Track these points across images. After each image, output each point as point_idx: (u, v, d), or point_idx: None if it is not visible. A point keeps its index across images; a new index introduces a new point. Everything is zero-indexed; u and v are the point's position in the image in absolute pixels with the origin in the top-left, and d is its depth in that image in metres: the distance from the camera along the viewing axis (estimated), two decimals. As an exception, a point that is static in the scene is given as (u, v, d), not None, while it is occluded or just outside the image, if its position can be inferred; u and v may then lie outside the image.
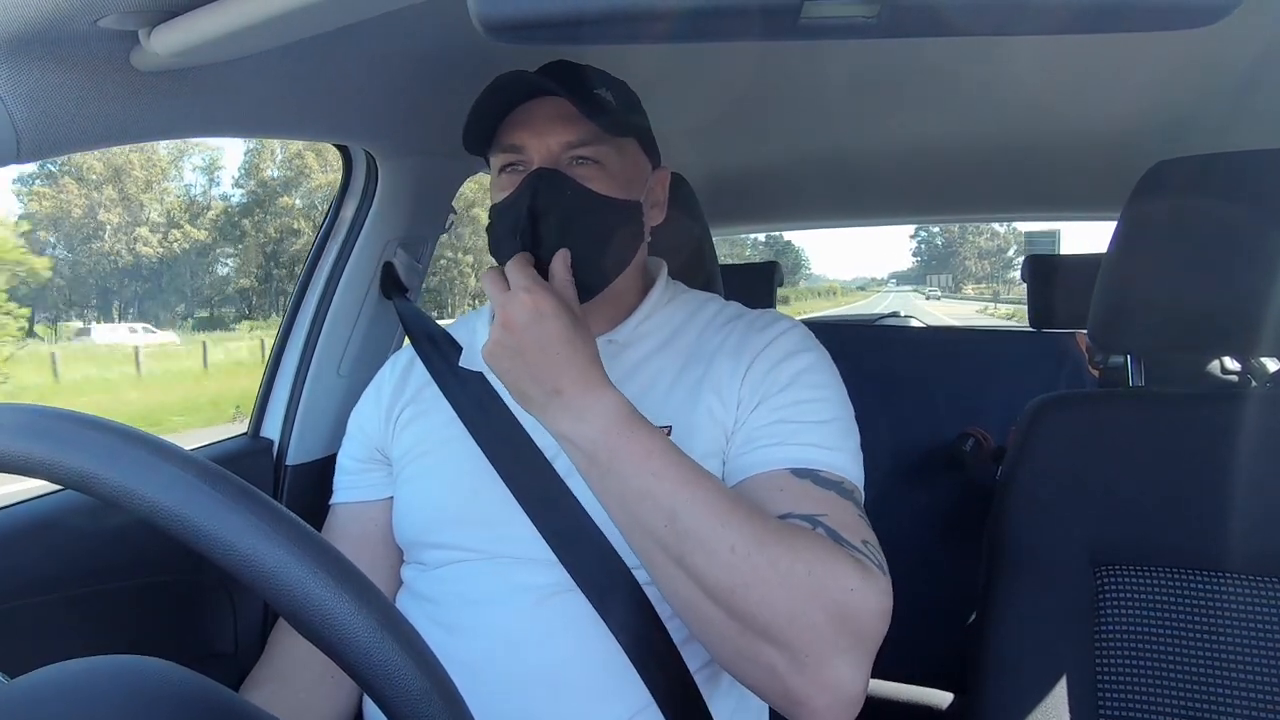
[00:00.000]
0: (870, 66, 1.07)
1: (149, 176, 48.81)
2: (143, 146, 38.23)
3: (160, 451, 0.35)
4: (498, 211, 0.75)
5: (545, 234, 0.71)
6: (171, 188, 52.32)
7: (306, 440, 1.05)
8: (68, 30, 0.55)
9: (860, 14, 0.39)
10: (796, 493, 0.65)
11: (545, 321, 0.65)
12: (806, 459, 0.67)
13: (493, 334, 0.67)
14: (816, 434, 0.69)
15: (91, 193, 47.29)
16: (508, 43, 0.41)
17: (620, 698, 0.68)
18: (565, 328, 0.65)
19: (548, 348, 0.64)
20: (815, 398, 0.72)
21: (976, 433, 1.54)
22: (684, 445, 0.70)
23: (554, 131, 0.73)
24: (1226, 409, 0.80)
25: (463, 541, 0.75)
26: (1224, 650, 0.74)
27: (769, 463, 0.68)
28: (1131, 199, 0.85)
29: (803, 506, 0.63)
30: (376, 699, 0.33)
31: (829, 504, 0.64)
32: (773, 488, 0.66)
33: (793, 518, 0.62)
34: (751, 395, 0.72)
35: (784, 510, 0.63)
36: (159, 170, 49.79)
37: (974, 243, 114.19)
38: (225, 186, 60.71)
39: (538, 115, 0.73)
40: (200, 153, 53.19)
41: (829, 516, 0.62)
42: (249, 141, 41.25)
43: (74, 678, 0.32)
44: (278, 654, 0.80)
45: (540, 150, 0.73)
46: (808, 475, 0.66)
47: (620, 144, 0.76)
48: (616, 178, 0.75)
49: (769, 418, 0.71)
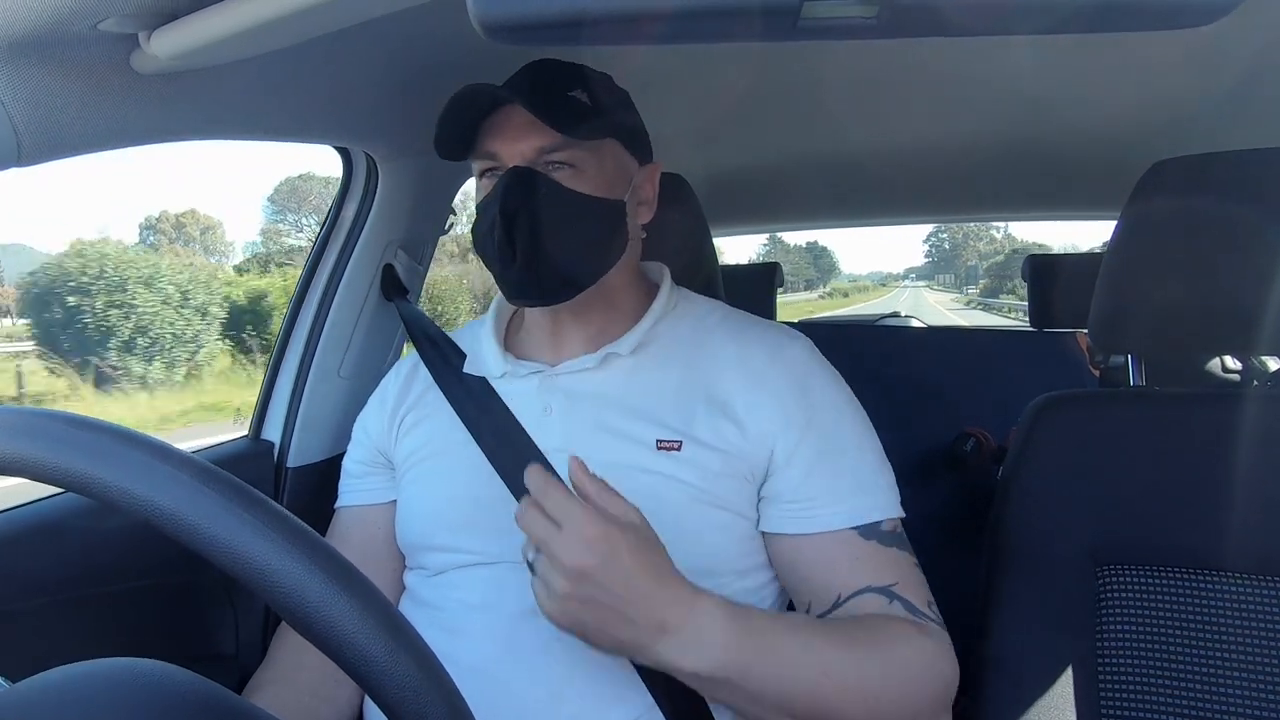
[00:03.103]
0: (870, 67, 1.07)
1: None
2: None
3: (160, 454, 0.35)
4: (478, 211, 0.76)
5: (519, 231, 0.72)
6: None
7: (307, 442, 1.05)
8: (68, 34, 0.55)
9: (859, 14, 0.39)
10: (867, 558, 0.70)
11: (619, 554, 0.56)
12: (865, 514, 0.72)
13: (552, 588, 0.57)
14: (866, 478, 0.74)
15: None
16: (507, 44, 0.41)
17: (622, 702, 0.68)
18: (639, 549, 0.58)
19: (632, 581, 0.57)
20: (848, 430, 0.76)
21: (977, 433, 1.54)
22: (697, 463, 0.72)
23: (525, 138, 0.73)
24: (1228, 408, 0.80)
25: (464, 545, 0.75)
26: (1226, 650, 0.73)
27: (833, 524, 0.71)
28: (1132, 198, 0.85)
29: (879, 576, 0.69)
30: (377, 700, 0.33)
31: (896, 567, 0.71)
32: (845, 555, 0.70)
33: (871, 592, 0.69)
34: (784, 435, 0.73)
35: (863, 584, 0.69)
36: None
37: (974, 247, 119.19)
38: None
39: (509, 122, 0.74)
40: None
41: (900, 585, 0.69)
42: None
43: (75, 682, 0.32)
44: (280, 656, 0.80)
45: (513, 157, 0.74)
46: (873, 535, 0.71)
47: (596, 145, 0.75)
48: (593, 178, 0.75)
49: (816, 469, 0.72)
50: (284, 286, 14.48)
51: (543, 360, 0.81)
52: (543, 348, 0.82)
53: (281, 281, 16.42)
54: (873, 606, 0.69)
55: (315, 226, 1.10)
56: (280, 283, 15.84)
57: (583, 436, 0.75)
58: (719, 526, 0.72)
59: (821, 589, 0.71)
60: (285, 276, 20.19)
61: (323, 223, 1.09)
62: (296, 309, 1.07)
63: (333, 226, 1.07)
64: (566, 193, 0.73)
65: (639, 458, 0.73)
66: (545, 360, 0.81)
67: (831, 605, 0.70)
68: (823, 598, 0.71)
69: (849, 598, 0.69)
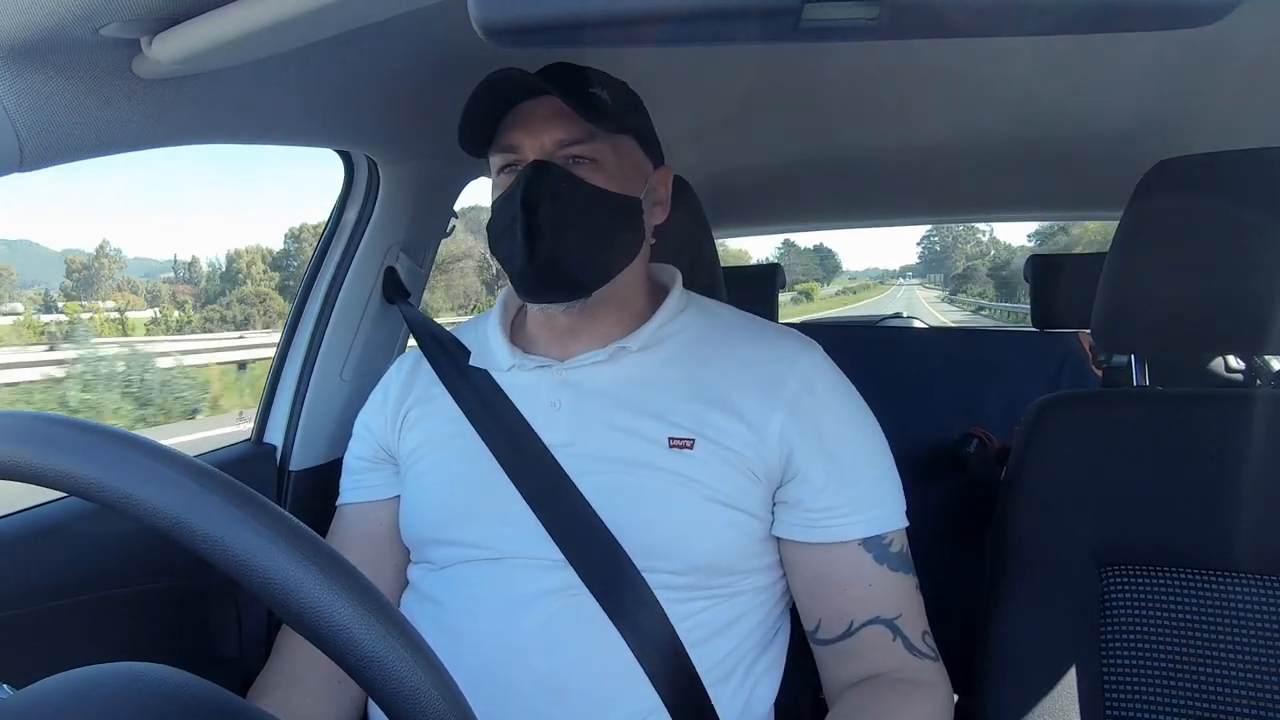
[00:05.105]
0: (871, 68, 1.07)
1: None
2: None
3: (162, 458, 0.35)
4: (495, 207, 0.76)
5: (540, 225, 0.72)
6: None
7: (310, 445, 1.05)
8: (70, 39, 0.55)
9: (861, 16, 0.39)
10: (877, 583, 0.73)
11: None
12: (877, 525, 0.74)
13: None
14: (878, 489, 0.76)
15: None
16: (508, 47, 0.41)
17: (628, 700, 0.68)
18: None
19: None
20: (862, 440, 0.77)
21: (980, 433, 1.54)
22: (711, 462, 0.72)
23: (548, 130, 0.73)
24: (1232, 408, 0.80)
25: (470, 539, 0.75)
26: (1231, 650, 0.73)
27: (846, 534, 0.73)
28: (1134, 198, 0.85)
29: (887, 606, 0.73)
30: (381, 702, 0.33)
31: (902, 594, 0.74)
32: (858, 580, 0.73)
33: (879, 624, 0.73)
34: (799, 445, 0.74)
35: (873, 613, 0.73)
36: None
37: (962, 250, 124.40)
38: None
39: (532, 114, 0.74)
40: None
41: (903, 618, 0.73)
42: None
43: (79, 687, 0.32)
44: (284, 658, 0.80)
45: (535, 148, 0.74)
46: (884, 558, 0.74)
47: (616, 141, 0.76)
48: (613, 174, 0.75)
49: (831, 480, 0.74)
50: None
51: (550, 356, 0.81)
52: (549, 344, 0.82)
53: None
54: (879, 640, 0.72)
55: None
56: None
57: (592, 432, 0.75)
58: (730, 526, 0.73)
59: (834, 613, 0.74)
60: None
61: (324, 226, 1.09)
62: (299, 312, 1.07)
63: (334, 230, 1.07)
64: (587, 186, 0.73)
65: (651, 455, 0.73)
66: (553, 356, 0.81)
67: (843, 633, 0.73)
68: (834, 624, 0.74)
69: (859, 627, 0.73)
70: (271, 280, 55.57)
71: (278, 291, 42.96)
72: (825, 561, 0.74)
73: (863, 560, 0.73)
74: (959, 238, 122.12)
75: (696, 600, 0.72)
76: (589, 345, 0.79)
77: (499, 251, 0.76)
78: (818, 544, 0.73)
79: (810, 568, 0.75)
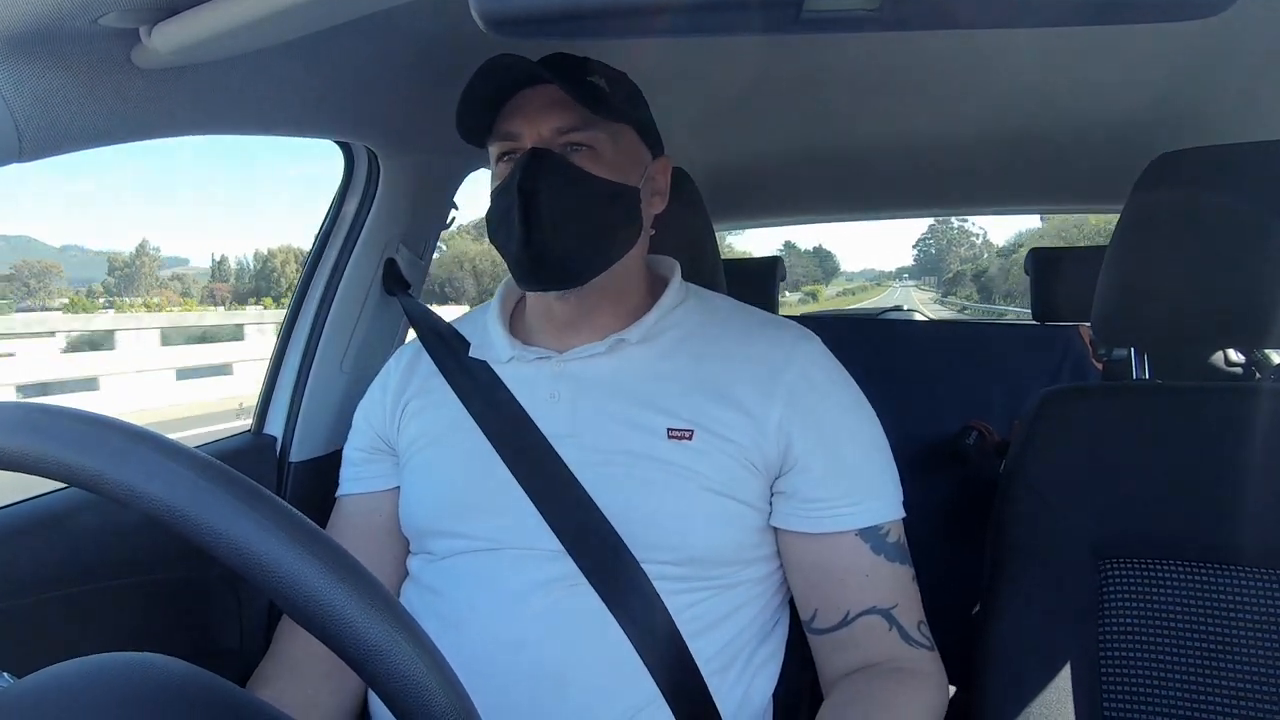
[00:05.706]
0: (873, 59, 1.06)
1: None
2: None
3: (163, 449, 0.35)
4: (494, 196, 0.76)
5: (538, 211, 0.72)
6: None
7: (310, 436, 1.05)
8: (69, 29, 0.55)
9: (862, 7, 0.38)
10: (874, 573, 0.74)
11: None
12: (875, 516, 0.75)
13: None
14: (876, 480, 0.76)
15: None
16: (509, 38, 0.40)
17: (627, 692, 0.68)
18: None
19: None
20: (860, 432, 0.77)
21: (980, 426, 1.54)
22: (710, 453, 0.72)
23: (546, 117, 0.73)
24: (1233, 402, 0.80)
25: (469, 530, 0.75)
26: (1229, 643, 0.73)
27: (844, 525, 0.74)
28: (1135, 191, 0.84)
29: (883, 596, 0.74)
30: (381, 693, 0.33)
31: (898, 585, 0.75)
32: (855, 570, 0.74)
33: (875, 613, 0.73)
34: (798, 436, 0.74)
35: (869, 603, 0.73)
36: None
37: (957, 252, 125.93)
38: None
39: (531, 102, 0.74)
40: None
41: (899, 608, 0.74)
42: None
43: (79, 677, 0.33)
44: (284, 649, 0.80)
45: (533, 136, 0.74)
46: (881, 548, 0.74)
47: (614, 130, 0.76)
48: (611, 163, 0.75)
49: (830, 471, 0.74)
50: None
51: (549, 348, 0.81)
52: (548, 336, 0.82)
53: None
54: (875, 630, 0.73)
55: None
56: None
57: (591, 423, 0.75)
58: (728, 516, 0.73)
59: (830, 602, 0.74)
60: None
61: (324, 218, 1.09)
62: (298, 304, 1.07)
63: (334, 221, 1.07)
64: (585, 174, 0.73)
65: (650, 446, 0.73)
66: (551, 348, 0.81)
67: (839, 623, 0.74)
68: (830, 613, 0.74)
69: (856, 617, 0.73)
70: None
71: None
72: (822, 551, 0.74)
73: (860, 550, 0.73)
74: (953, 240, 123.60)
75: (695, 591, 0.72)
76: (588, 337, 0.79)
77: (497, 238, 0.76)
78: (815, 534, 0.74)
79: (807, 558, 0.75)
